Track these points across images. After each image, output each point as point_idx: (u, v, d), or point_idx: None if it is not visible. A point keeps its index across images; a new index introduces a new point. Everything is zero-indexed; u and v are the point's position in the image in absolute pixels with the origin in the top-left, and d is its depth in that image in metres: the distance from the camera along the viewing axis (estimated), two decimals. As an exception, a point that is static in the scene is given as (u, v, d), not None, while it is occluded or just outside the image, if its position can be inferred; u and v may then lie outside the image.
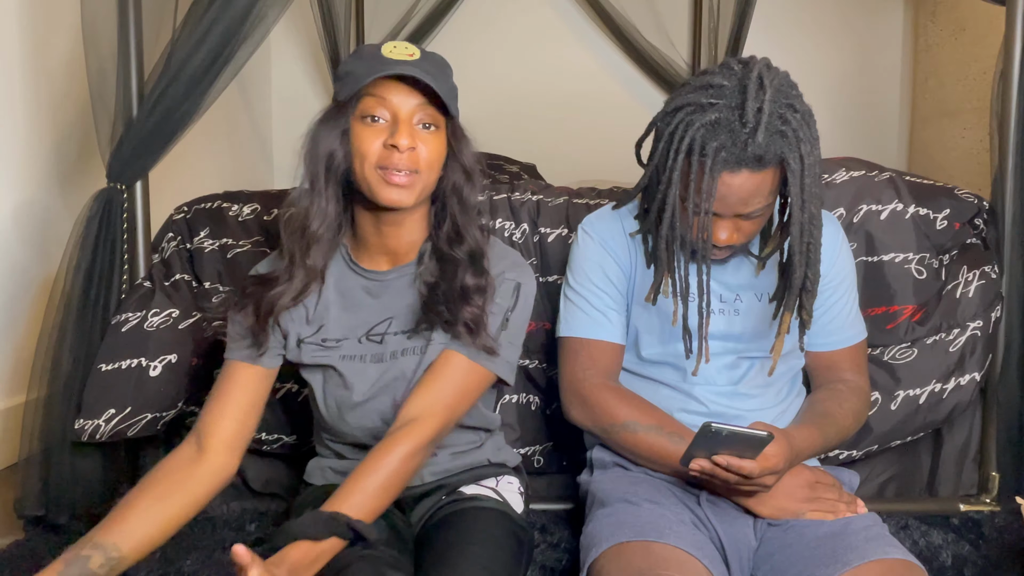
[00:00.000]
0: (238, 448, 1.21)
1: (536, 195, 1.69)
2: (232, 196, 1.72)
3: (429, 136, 1.16)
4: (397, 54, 1.14)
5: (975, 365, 1.57)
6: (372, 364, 1.24)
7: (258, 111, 3.32)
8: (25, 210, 1.69)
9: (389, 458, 1.10)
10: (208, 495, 1.17)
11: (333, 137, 1.17)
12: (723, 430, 1.05)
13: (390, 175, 1.14)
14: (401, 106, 1.14)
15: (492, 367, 1.21)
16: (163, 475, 1.15)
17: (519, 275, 1.26)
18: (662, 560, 1.07)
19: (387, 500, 1.10)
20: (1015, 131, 1.61)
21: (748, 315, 1.33)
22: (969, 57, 2.87)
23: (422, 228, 1.25)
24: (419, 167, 1.15)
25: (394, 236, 1.23)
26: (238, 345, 1.24)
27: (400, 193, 1.15)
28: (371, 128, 1.15)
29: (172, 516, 1.12)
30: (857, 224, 1.61)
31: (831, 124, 2.05)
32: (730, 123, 1.12)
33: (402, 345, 1.24)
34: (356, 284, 1.26)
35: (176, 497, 1.13)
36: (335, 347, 1.25)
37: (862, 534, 1.14)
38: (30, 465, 1.49)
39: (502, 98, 3.21)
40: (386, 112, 1.15)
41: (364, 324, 1.25)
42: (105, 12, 1.54)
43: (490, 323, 1.20)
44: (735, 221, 1.21)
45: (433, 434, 1.14)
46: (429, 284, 1.22)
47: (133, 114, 1.54)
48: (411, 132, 1.14)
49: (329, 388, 1.26)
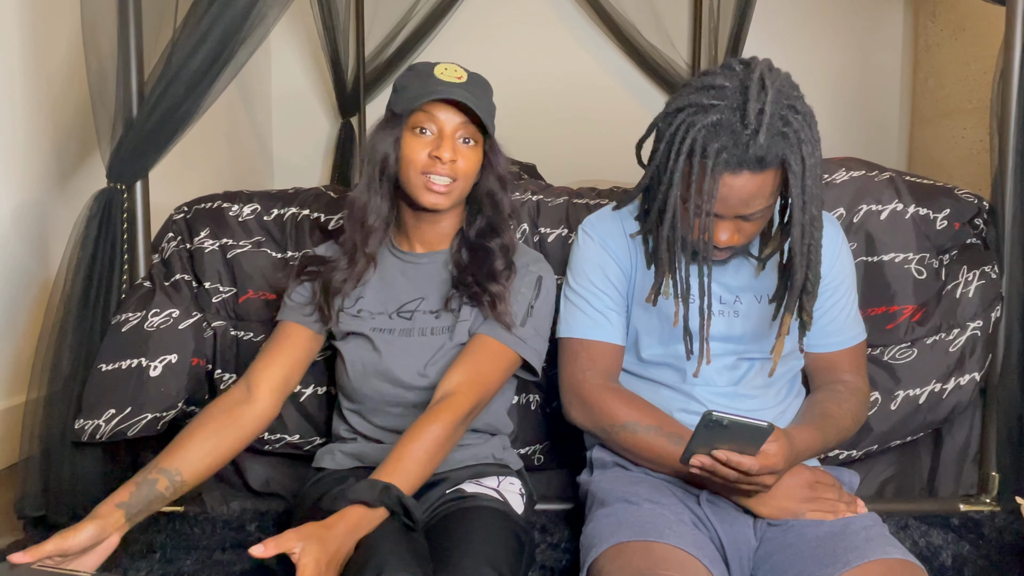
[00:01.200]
0: (282, 395, 1.35)
1: (536, 195, 1.69)
2: (232, 196, 1.72)
3: (468, 150, 1.33)
4: (448, 76, 1.31)
5: (975, 365, 1.57)
6: (400, 337, 1.36)
7: (258, 111, 3.32)
8: (25, 210, 1.69)
9: (433, 427, 1.19)
10: (255, 434, 1.30)
11: (388, 143, 1.34)
12: (723, 419, 1.05)
13: (431, 182, 1.30)
14: (446, 123, 1.31)
15: (520, 350, 1.33)
16: (217, 412, 1.28)
17: (540, 269, 1.40)
18: (662, 560, 1.07)
19: (430, 469, 1.19)
20: (1015, 131, 1.61)
21: (748, 316, 1.33)
22: (969, 57, 2.87)
23: (455, 224, 1.41)
24: (458, 175, 1.32)
25: (430, 229, 1.40)
26: (294, 308, 1.40)
27: (438, 199, 1.32)
28: (419, 139, 1.31)
29: (225, 448, 1.25)
30: (857, 224, 1.61)
31: (831, 124, 2.05)
32: (731, 124, 1.12)
33: (430, 323, 1.37)
34: (393, 264, 1.41)
35: (228, 431, 1.26)
36: (368, 319, 1.38)
37: (862, 534, 1.14)
38: (30, 465, 1.49)
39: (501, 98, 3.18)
40: (433, 126, 1.31)
41: (396, 300, 1.39)
42: (105, 12, 1.54)
43: (515, 309, 1.34)
44: (736, 222, 1.20)
45: (470, 407, 1.25)
46: (460, 266, 1.37)
47: (133, 114, 1.54)
48: (453, 146, 1.31)
49: (359, 352, 1.38)
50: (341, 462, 1.38)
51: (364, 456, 1.36)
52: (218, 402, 1.30)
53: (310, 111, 3.46)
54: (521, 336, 1.33)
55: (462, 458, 1.34)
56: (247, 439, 1.29)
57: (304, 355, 1.39)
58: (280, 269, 1.63)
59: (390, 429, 1.36)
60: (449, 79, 1.31)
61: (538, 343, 1.37)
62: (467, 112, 1.31)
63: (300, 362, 1.38)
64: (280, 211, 1.68)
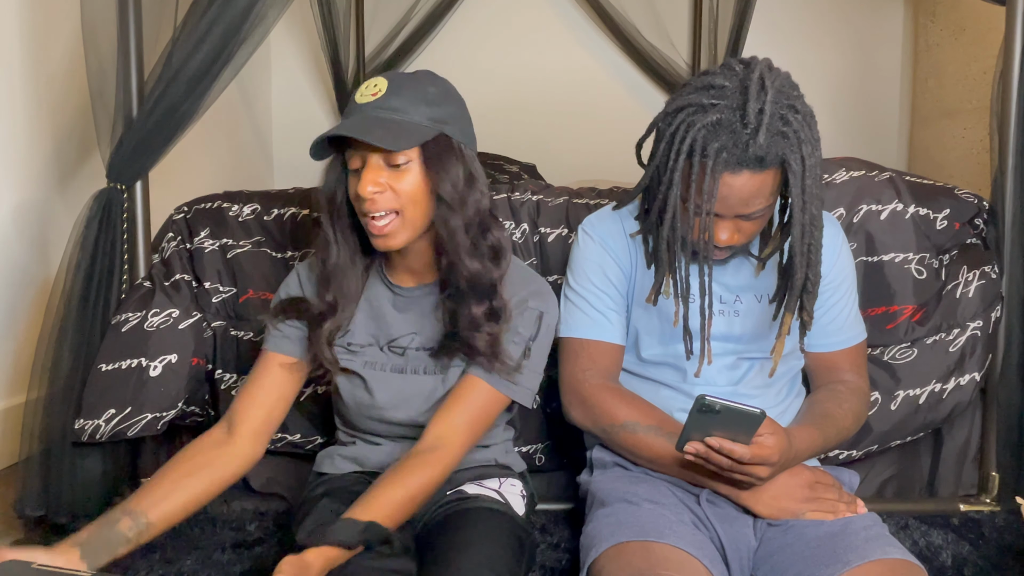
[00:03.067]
0: (264, 437, 1.27)
1: (536, 195, 1.69)
2: (232, 196, 1.72)
3: (400, 174, 1.17)
4: (364, 96, 1.18)
5: (975, 365, 1.57)
6: (393, 374, 1.29)
7: (258, 111, 3.32)
8: (25, 210, 1.69)
9: (415, 476, 1.15)
10: (234, 477, 1.23)
11: (332, 181, 1.23)
12: (716, 403, 1.06)
13: (370, 223, 1.18)
14: (364, 152, 1.16)
15: (511, 394, 1.26)
16: (193, 453, 1.21)
17: (541, 304, 1.29)
18: (662, 560, 1.07)
19: (408, 514, 1.15)
20: (1015, 131, 1.61)
21: (748, 316, 1.33)
22: (969, 57, 2.87)
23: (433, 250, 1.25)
24: (396, 207, 1.17)
25: (405, 263, 1.28)
26: (278, 337, 1.30)
27: (386, 240, 1.19)
28: (353, 177, 1.19)
29: (199, 492, 1.18)
30: (857, 224, 1.61)
31: (831, 124, 2.05)
32: (731, 124, 1.12)
33: (423, 362, 1.29)
34: (383, 295, 1.31)
35: (203, 475, 1.19)
36: (359, 352, 1.30)
37: (862, 534, 1.14)
38: (30, 465, 1.49)
39: (502, 98, 3.21)
40: (358, 160, 1.17)
41: (386, 334, 1.30)
42: (105, 12, 1.54)
43: (512, 351, 1.24)
44: (736, 222, 1.20)
45: (457, 457, 1.21)
46: (451, 312, 1.24)
47: (133, 114, 1.54)
48: (375, 177, 1.15)
49: (351, 390, 1.31)
50: (341, 466, 1.35)
51: (364, 460, 1.34)
52: (197, 442, 1.23)
53: (310, 111, 3.45)
54: (515, 380, 1.25)
55: (464, 462, 1.31)
56: (225, 483, 1.21)
57: (288, 391, 1.30)
58: (281, 269, 1.62)
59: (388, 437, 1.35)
60: (366, 99, 1.18)
61: (532, 381, 1.28)
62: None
63: (285, 399, 1.29)
64: (280, 211, 1.68)
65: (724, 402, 1.07)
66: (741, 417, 1.08)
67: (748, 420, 1.08)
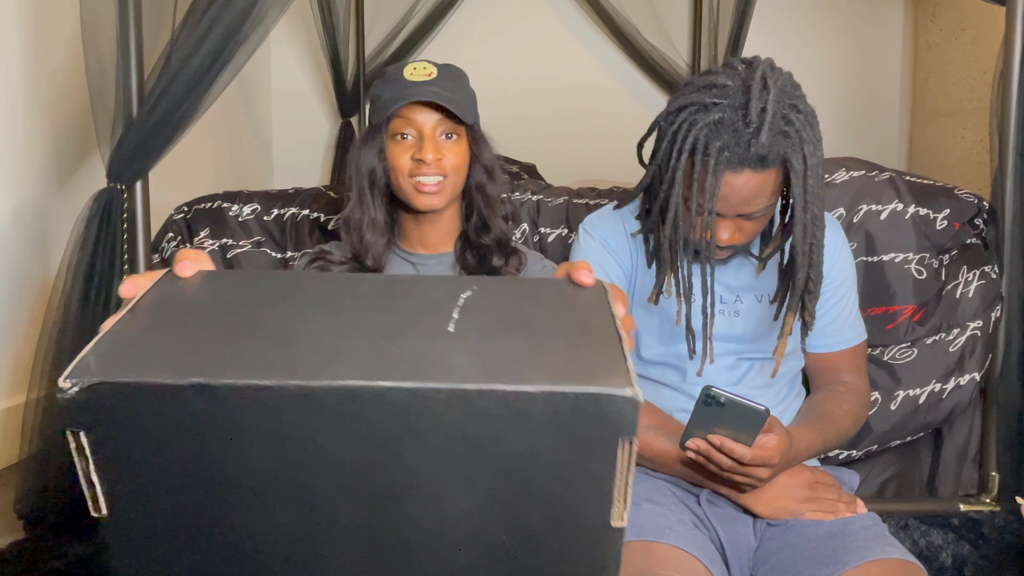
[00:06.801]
0: None
1: (536, 195, 1.69)
2: (232, 196, 1.72)
3: (452, 145, 1.32)
4: (417, 75, 1.30)
5: (975, 365, 1.57)
6: None
7: (258, 111, 3.32)
8: (25, 210, 1.69)
9: None
10: None
11: (372, 156, 1.34)
12: (721, 395, 1.07)
13: (421, 185, 1.30)
14: (424, 123, 1.30)
15: None
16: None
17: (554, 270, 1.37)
18: (662, 560, 1.06)
19: None
20: (1015, 131, 1.61)
21: (748, 316, 1.33)
22: (969, 57, 2.87)
23: (455, 222, 1.41)
24: (446, 172, 1.31)
25: (431, 231, 1.39)
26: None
27: (431, 199, 1.31)
28: (401, 145, 1.31)
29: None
30: (857, 224, 1.61)
31: (832, 124, 2.05)
32: (733, 123, 1.12)
33: None
34: (400, 267, 1.42)
35: None
36: None
37: (862, 534, 1.14)
38: (30, 465, 1.49)
39: (502, 98, 3.19)
40: (412, 129, 1.30)
41: None
42: (105, 12, 1.54)
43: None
44: (737, 221, 1.20)
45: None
46: (467, 268, 1.36)
47: (133, 114, 1.54)
48: (435, 145, 1.30)
49: None
50: None
51: None
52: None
53: (310, 111, 3.46)
54: None
55: None
56: None
57: None
58: (280, 269, 1.63)
59: None
60: (419, 78, 1.30)
61: None
62: (443, 108, 1.30)
63: None
64: (280, 211, 1.68)
65: (729, 395, 1.08)
66: (745, 413, 1.08)
67: (752, 416, 1.08)
